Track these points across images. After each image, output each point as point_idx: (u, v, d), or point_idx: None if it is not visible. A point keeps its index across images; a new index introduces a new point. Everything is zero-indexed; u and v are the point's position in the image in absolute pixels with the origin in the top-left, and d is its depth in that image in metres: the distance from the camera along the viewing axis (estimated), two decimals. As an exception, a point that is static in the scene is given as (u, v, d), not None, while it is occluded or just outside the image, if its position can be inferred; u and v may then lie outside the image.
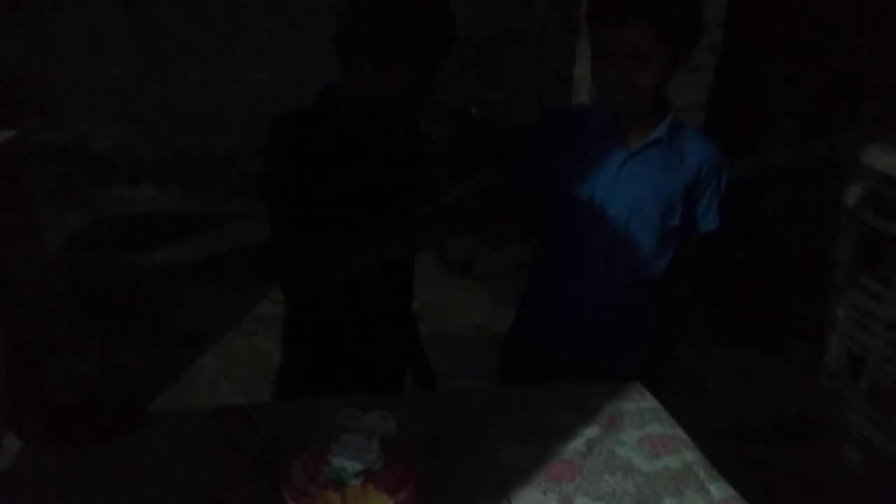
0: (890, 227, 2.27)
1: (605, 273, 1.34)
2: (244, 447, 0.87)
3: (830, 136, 2.46)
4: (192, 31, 4.82)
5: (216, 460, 0.87)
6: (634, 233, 1.30)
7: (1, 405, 0.85)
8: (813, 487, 2.20)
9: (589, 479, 1.02)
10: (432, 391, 1.47)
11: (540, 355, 1.43)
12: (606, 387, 1.26)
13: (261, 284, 3.52)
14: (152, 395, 2.55)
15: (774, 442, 2.44)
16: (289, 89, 5.03)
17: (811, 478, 2.25)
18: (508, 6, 4.78)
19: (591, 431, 1.13)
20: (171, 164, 5.03)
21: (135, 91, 4.85)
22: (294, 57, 4.99)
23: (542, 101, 3.80)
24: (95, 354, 2.81)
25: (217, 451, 0.86)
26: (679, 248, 1.36)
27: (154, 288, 3.51)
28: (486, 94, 4.38)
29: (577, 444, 1.10)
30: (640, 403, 1.22)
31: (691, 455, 1.09)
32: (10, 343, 0.88)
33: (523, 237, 1.34)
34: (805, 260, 3.05)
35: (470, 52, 4.36)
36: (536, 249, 1.46)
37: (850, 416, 2.42)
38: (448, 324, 3.09)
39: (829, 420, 2.51)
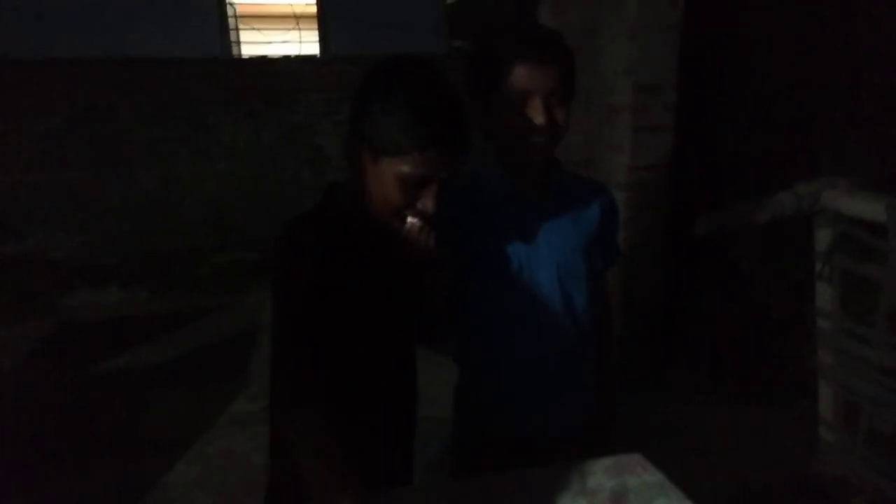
0: (865, 269, 2.26)
1: (550, 337, 1.29)
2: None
3: (791, 184, 2.48)
4: (150, 130, 4.82)
5: None
6: (570, 289, 1.29)
7: None
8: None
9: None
10: None
11: (496, 439, 1.34)
12: (605, 463, 1.19)
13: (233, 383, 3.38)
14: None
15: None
16: (251, 179, 5.04)
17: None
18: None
19: (597, 515, 1.05)
20: (136, 265, 4.92)
21: (94, 194, 4.79)
22: (254, 146, 5.02)
23: None
24: (58, 473, 2.62)
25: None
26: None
27: (119, 394, 3.35)
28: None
29: (583, 531, 1.01)
30: (643, 478, 1.15)
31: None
32: None
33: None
34: (787, 309, 3.03)
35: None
36: (462, 338, 1.37)
37: (854, 465, 2.34)
38: (430, 406, 3.01)
39: (833, 473, 2.42)
